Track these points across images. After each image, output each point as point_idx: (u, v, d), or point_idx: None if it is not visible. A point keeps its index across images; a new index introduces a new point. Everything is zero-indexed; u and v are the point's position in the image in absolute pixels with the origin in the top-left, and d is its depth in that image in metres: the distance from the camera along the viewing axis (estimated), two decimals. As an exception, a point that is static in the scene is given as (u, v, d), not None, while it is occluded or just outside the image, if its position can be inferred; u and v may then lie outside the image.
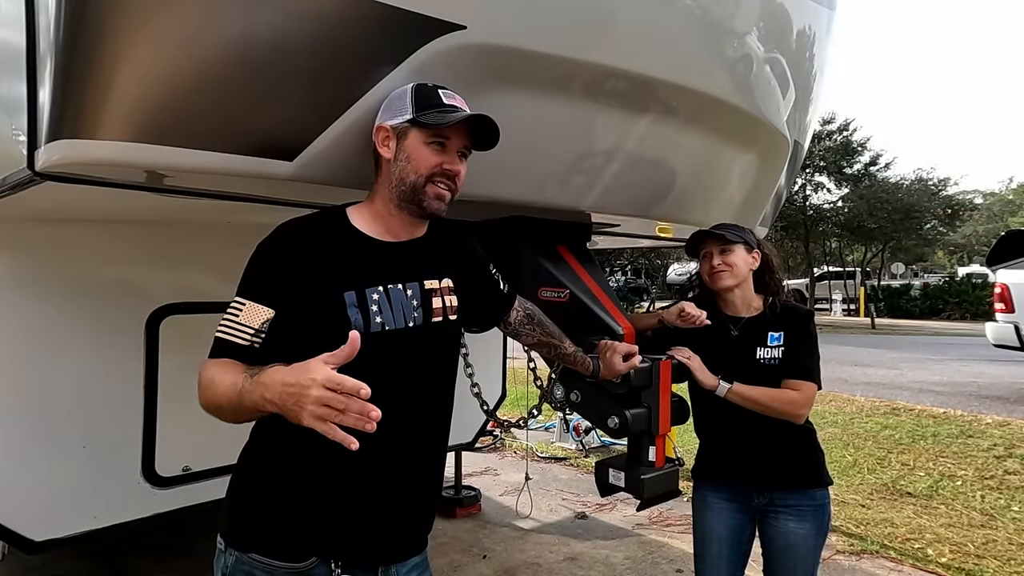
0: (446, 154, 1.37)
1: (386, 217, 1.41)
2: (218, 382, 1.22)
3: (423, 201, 1.37)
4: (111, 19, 1.27)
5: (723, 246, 2.08)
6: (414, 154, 1.36)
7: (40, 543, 2.33)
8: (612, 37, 1.78)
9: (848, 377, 9.47)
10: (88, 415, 2.43)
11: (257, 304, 1.28)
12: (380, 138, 1.40)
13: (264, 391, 1.12)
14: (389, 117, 1.40)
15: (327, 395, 1.04)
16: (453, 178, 1.39)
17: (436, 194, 1.37)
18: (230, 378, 1.21)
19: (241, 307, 1.28)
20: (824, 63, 2.57)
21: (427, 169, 1.36)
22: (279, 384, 1.10)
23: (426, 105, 1.37)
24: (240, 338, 1.27)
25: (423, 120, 1.35)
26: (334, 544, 1.33)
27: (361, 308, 1.31)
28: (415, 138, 1.36)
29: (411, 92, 1.40)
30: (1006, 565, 3.53)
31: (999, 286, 8.22)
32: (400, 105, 1.39)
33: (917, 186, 23.62)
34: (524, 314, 1.76)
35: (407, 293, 1.37)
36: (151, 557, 3.47)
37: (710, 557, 2.11)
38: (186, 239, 2.64)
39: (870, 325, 19.35)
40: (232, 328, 1.28)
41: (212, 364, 1.27)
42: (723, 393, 2.00)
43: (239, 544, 1.34)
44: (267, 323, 1.28)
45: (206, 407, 1.26)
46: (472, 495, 4.37)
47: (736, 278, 2.08)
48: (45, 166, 1.34)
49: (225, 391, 1.20)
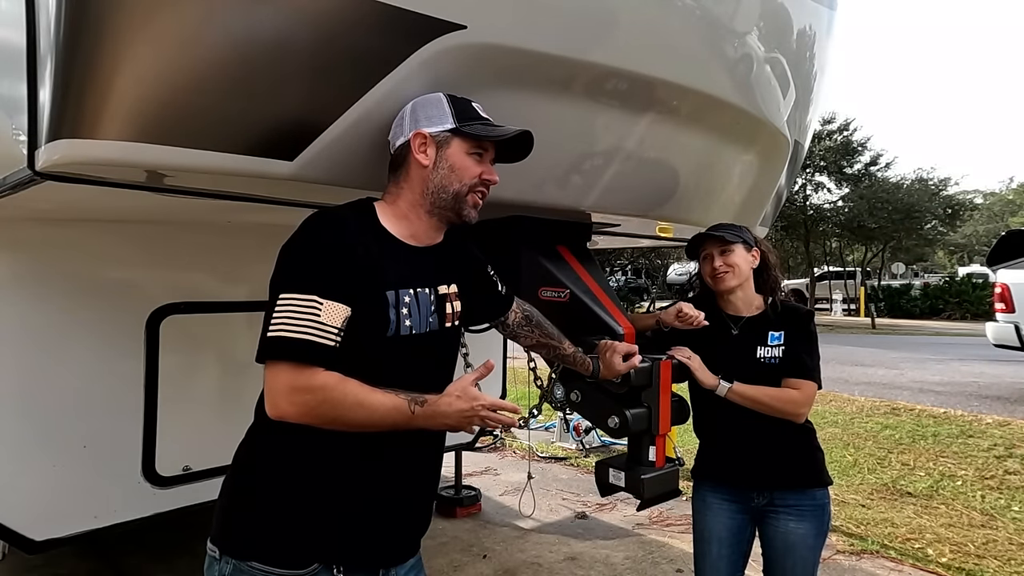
0: (484, 163, 1.42)
1: (412, 221, 1.40)
2: (371, 405, 1.23)
3: (463, 209, 1.40)
4: (111, 18, 1.27)
5: (723, 247, 2.08)
6: (458, 164, 1.38)
7: (40, 543, 2.33)
8: (612, 37, 1.78)
9: (848, 377, 9.47)
10: (88, 415, 2.43)
11: (335, 302, 1.23)
12: (417, 144, 1.39)
13: (445, 419, 1.28)
14: (427, 124, 1.39)
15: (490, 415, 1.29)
16: (488, 186, 1.43)
17: (475, 202, 1.42)
18: (389, 402, 1.25)
19: (320, 305, 1.21)
20: (824, 63, 2.57)
21: (471, 179, 1.39)
22: (457, 413, 1.27)
23: (467, 116, 1.40)
24: (328, 339, 1.21)
25: (469, 131, 1.37)
26: (336, 549, 1.31)
27: (396, 309, 1.31)
28: (458, 148, 1.38)
29: (448, 101, 1.41)
30: (1006, 565, 3.52)
31: (999, 286, 8.22)
32: (438, 113, 1.39)
33: (917, 186, 23.61)
34: (522, 316, 1.76)
35: (430, 298, 1.39)
36: (151, 557, 3.47)
37: (710, 557, 2.11)
38: (186, 239, 2.64)
39: (870, 325, 19.35)
40: (318, 329, 1.20)
41: (338, 379, 1.22)
42: (723, 393, 2.00)
43: (237, 552, 1.30)
44: (346, 321, 1.25)
45: (334, 422, 1.24)
46: (472, 495, 4.37)
47: (738, 278, 2.08)
48: (45, 166, 1.33)
49: (387, 413, 1.25)
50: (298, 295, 1.22)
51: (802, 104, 2.53)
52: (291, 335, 1.20)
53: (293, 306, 1.21)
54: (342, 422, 1.24)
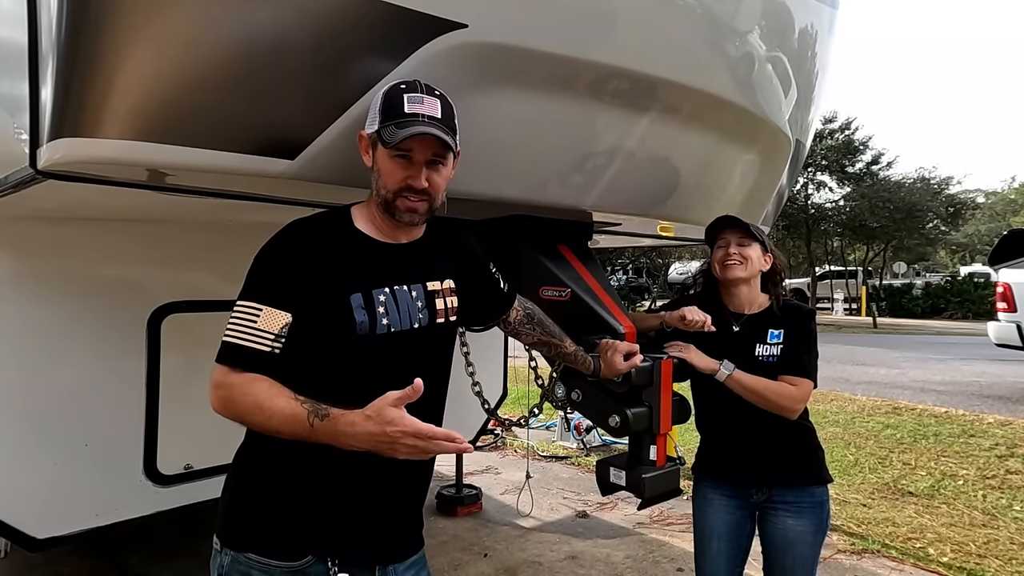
0: (411, 167, 1.32)
1: (379, 221, 1.40)
2: (270, 409, 1.21)
3: (395, 214, 1.35)
4: (113, 18, 1.27)
5: (742, 238, 2.08)
6: (382, 168, 1.34)
7: (42, 541, 2.34)
8: (614, 36, 1.78)
9: (850, 376, 9.47)
10: (90, 413, 2.44)
11: (274, 309, 1.26)
12: (362, 146, 1.39)
13: (351, 440, 1.20)
14: (366, 125, 1.38)
15: (419, 444, 1.18)
16: (421, 192, 1.33)
17: (407, 207, 1.34)
18: (286, 405, 1.21)
19: (257, 312, 1.25)
20: (826, 62, 2.56)
21: (394, 184, 1.32)
22: (366, 435, 1.19)
23: (389, 115, 1.30)
24: (261, 344, 1.24)
25: (382, 135, 1.31)
26: (330, 543, 1.33)
27: (368, 309, 1.31)
28: (381, 151, 1.33)
29: (380, 99, 1.35)
30: (1008, 565, 3.52)
31: (1001, 285, 8.21)
32: (373, 113, 1.36)
33: (919, 185, 23.59)
34: (524, 314, 1.76)
35: (412, 295, 1.38)
36: (152, 555, 3.48)
37: (709, 553, 2.12)
38: (188, 238, 2.64)
39: (872, 324, 19.33)
40: (250, 334, 1.24)
41: (246, 380, 1.23)
42: (723, 378, 2.00)
43: (235, 544, 1.33)
44: (286, 327, 1.26)
45: (243, 422, 1.26)
46: (473, 494, 4.37)
47: (748, 272, 2.08)
48: (47, 164, 1.34)
49: (284, 420, 1.21)
50: (243, 302, 1.28)
51: (803, 103, 2.53)
52: (227, 339, 1.26)
53: (236, 313, 1.27)
54: (248, 423, 1.26)
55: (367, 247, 1.37)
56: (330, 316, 1.29)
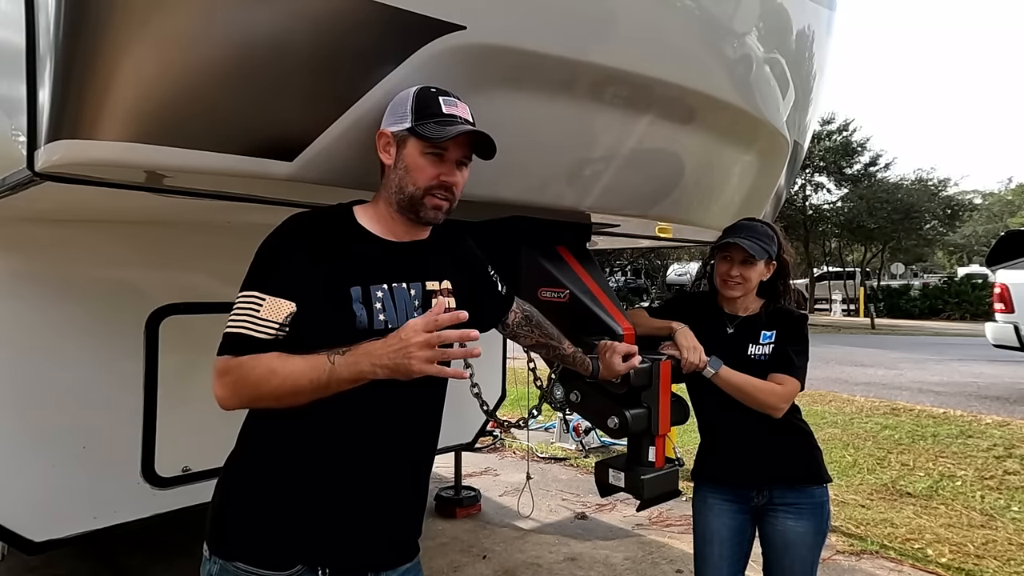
0: (444, 164, 1.36)
1: (388, 219, 1.41)
2: (284, 368, 1.20)
3: (420, 211, 1.37)
4: (111, 19, 1.27)
5: (745, 257, 2.08)
6: (412, 165, 1.35)
7: (40, 543, 2.33)
8: (612, 37, 1.78)
9: (848, 377, 9.48)
10: (88, 415, 2.43)
11: (278, 298, 1.26)
12: (382, 144, 1.40)
13: (372, 359, 1.19)
14: (391, 123, 1.39)
15: (432, 336, 1.17)
16: (450, 189, 1.38)
17: (434, 205, 1.37)
18: (300, 359, 1.21)
19: (261, 302, 1.25)
20: (824, 63, 2.57)
21: (425, 181, 1.35)
22: (383, 348, 1.18)
23: (426, 114, 1.35)
24: (265, 333, 1.24)
25: (420, 131, 1.34)
26: (321, 551, 1.31)
27: (366, 305, 1.31)
28: (413, 148, 1.35)
29: (412, 99, 1.38)
30: (1006, 565, 3.53)
31: (999, 286, 8.23)
32: (401, 111, 1.38)
33: (917, 186, 23.67)
34: (522, 315, 1.76)
35: (411, 293, 1.38)
36: (151, 557, 3.47)
37: (711, 558, 2.11)
38: (186, 239, 2.64)
39: (870, 325, 19.35)
40: (253, 322, 1.24)
41: (252, 357, 1.22)
42: (710, 375, 2.00)
43: (223, 552, 1.32)
44: (290, 316, 1.26)
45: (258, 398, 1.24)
46: (472, 495, 4.37)
47: (745, 291, 2.11)
48: (45, 166, 1.33)
49: (304, 373, 1.20)
50: (245, 292, 1.27)
51: (801, 104, 2.53)
52: (229, 329, 1.25)
53: (239, 303, 1.27)
54: (264, 396, 1.23)
55: (368, 243, 1.37)
56: (330, 308, 1.29)
